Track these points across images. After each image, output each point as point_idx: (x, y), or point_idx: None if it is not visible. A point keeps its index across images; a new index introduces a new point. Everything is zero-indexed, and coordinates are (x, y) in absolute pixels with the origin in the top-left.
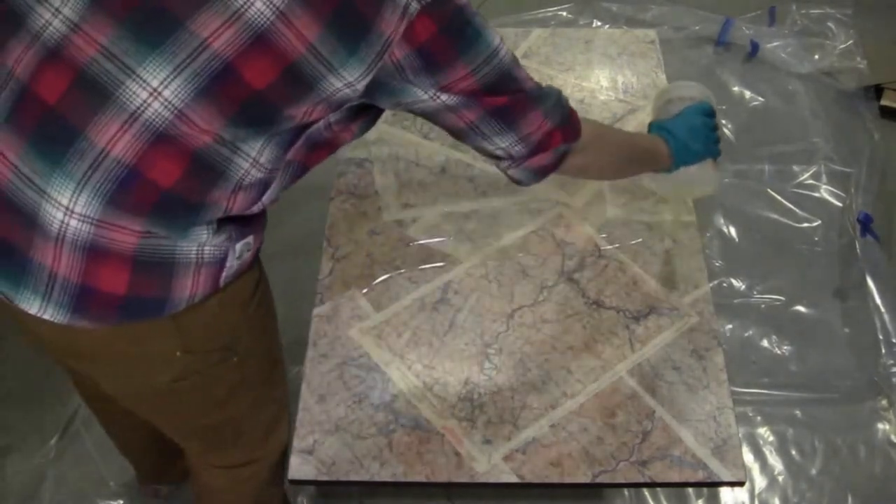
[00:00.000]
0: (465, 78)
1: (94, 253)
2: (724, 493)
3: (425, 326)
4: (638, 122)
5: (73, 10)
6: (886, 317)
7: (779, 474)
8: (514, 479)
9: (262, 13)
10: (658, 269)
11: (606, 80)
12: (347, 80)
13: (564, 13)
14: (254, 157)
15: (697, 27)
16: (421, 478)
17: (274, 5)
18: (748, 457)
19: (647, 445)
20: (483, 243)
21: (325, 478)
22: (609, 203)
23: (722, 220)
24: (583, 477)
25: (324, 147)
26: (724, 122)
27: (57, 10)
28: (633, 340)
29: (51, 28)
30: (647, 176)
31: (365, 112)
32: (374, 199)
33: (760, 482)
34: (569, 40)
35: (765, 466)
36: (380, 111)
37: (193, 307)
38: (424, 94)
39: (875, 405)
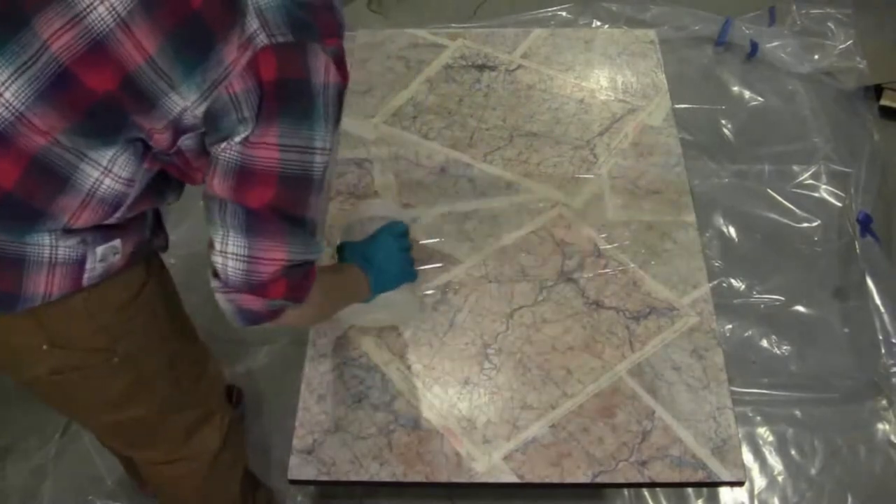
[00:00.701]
0: (271, 147)
1: None
2: (724, 493)
3: (425, 326)
4: (637, 122)
5: None
6: (886, 317)
7: (778, 474)
8: (513, 479)
9: (102, 19)
10: (658, 269)
11: (606, 80)
12: (186, 104)
13: (564, 13)
14: (104, 166)
15: (697, 27)
16: (421, 478)
17: (116, 12)
18: (748, 457)
19: (647, 445)
20: (483, 243)
21: (325, 478)
22: (609, 203)
23: (722, 220)
24: (583, 477)
25: (178, 174)
26: (723, 121)
27: None
28: (632, 340)
29: None
30: (347, 312)
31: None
32: (374, 200)
33: (760, 482)
34: (569, 40)
35: (764, 466)
36: None
37: (55, 304)
38: (238, 137)
39: (875, 405)
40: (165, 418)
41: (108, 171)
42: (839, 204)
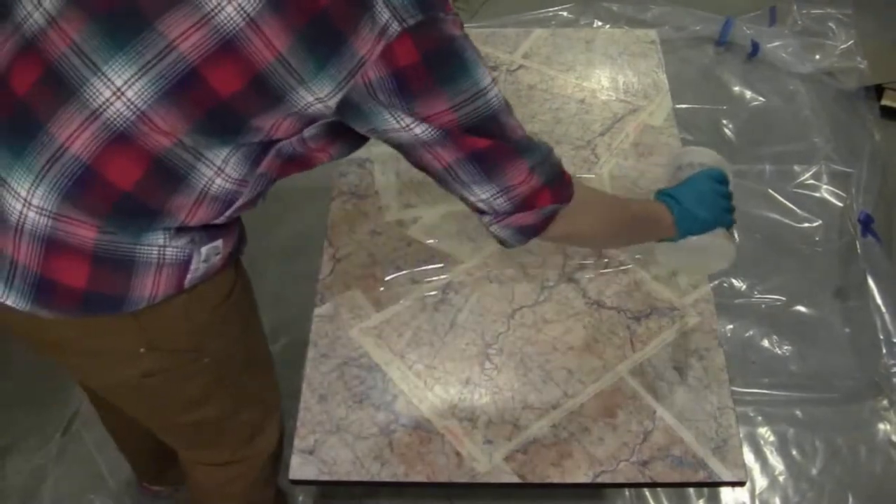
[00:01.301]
0: (445, 113)
1: (52, 245)
2: (725, 493)
3: (426, 326)
4: (638, 122)
5: (53, 4)
6: (887, 317)
7: (779, 474)
8: (514, 479)
9: (231, 18)
10: (659, 269)
11: (607, 80)
12: (318, 96)
13: (565, 13)
14: (218, 166)
15: (698, 27)
16: (421, 478)
17: (245, 11)
18: (749, 457)
19: (648, 445)
20: (484, 243)
21: (325, 478)
22: None
23: None
24: (583, 477)
25: (296, 162)
26: (724, 121)
27: (39, 2)
28: (633, 340)
29: (31, 20)
30: (657, 248)
31: (345, 134)
32: (375, 199)
33: (761, 482)
34: (569, 40)
35: (765, 466)
36: (363, 137)
37: (156, 306)
38: (397, 123)
39: (875, 405)
40: (236, 417)
41: (220, 171)
42: (840, 204)
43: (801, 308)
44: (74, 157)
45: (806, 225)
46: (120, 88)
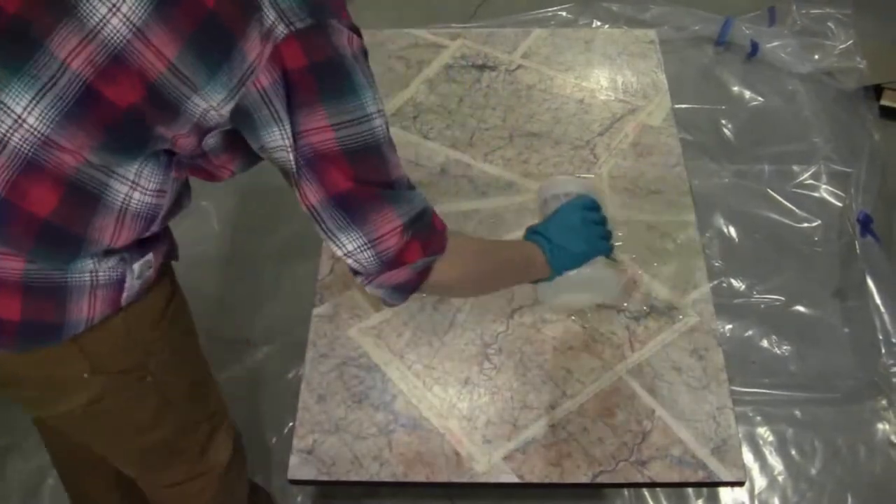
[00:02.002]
0: (324, 130)
1: None
2: (724, 493)
3: (425, 326)
4: (637, 122)
5: None
6: (886, 317)
7: (779, 474)
8: (514, 479)
9: (117, 31)
10: (658, 268)
11: (606, 81)
12: (212, 104)
13: (564, 13)
14: (132, 180)
15: (697, 27)
16: (421, 478)
17: (131, 22)
18: (748, 457)
19: (647, 445)
20: None
21: (324, 478)
22: (609, 203)
23: (722, 220)
24: (583, 477)
25: (203, 173)
26: (724, 122)
27: None
28: (632, 340)
29: None
30: (537, 289)
31: (243, 148)
32: None
33: (760, 482)
34: (568, 40)
35: (765, 466)
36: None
37: (95, 328)
38: (282, 140)
39: (875, 405)
40: (185, 436)
41: (136, 185)
42: (839, 204)
43: (801, 308)
44: None
45: (805, 225)
46: (20, 116)
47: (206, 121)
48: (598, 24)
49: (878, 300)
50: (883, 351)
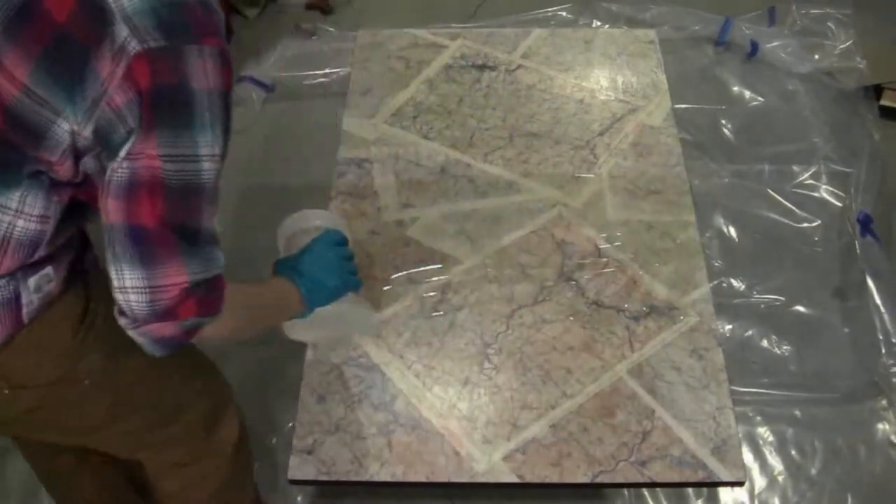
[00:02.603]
0: (151, 158)
1: None
2: (724, 493)
3: (425, 326)
4: (637, 122)
5: None
6: (886, 317)
7: (779, 474)
8: (514, 479)
9: None
10: (658, 269)
11: (606, 80)
12: (73, 127)
13: (564, 13)
14: (15, 209)
15: (697, 27)
16: (421, 478)
17: None
18: (748, 457)
19: (647, 445)
20: (483, 243)
21: (324, 478)
22: (609, 203)
23: (722, 220)
24: (583, 477)
25: (93, 200)
26: (723, 121)
27: None
28: (632, 340)
29: None
30: (287, 327)
31: None
32: (374, 199)
33: (760, 482)
34: (568, 40)
35: (764, 466)
36: None
37: (3, 347)
38: (122, 152)
39: (875, 405)
40: (176, 419)
41: (19, 213)
42: (839, 204)
43: (801, 308)
44: None
45: (805, 225)
46: None
47: (76, 144)
48: (598, 24)
49: (878, 300)
50: (883, 351)
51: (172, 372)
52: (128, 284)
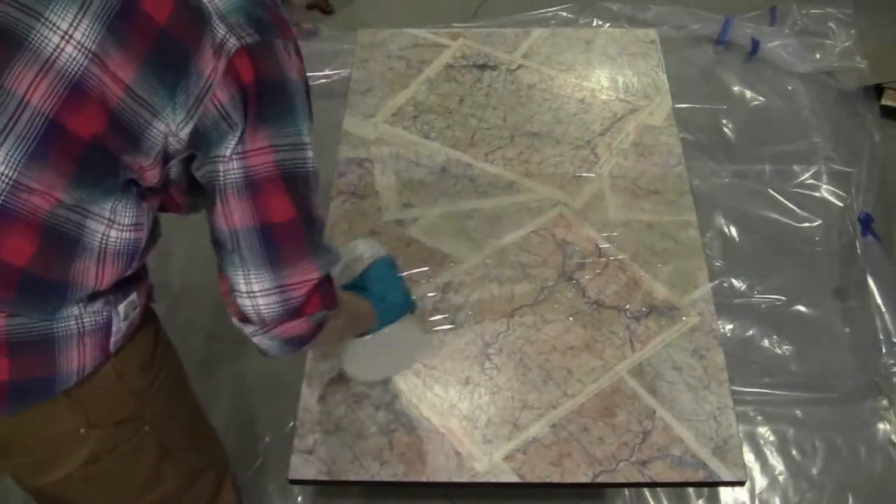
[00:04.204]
0: (265, 151)
1: None
2: (725, 492)
3: (426, 326)
4: (638, 122)
5: None
6: (887, 317)
7: (779, 474)
8: (514, 478)
9: (73, 58)
10: (658, 268)
11: (607, 80)
12: (171, 128)
13: (564, 13)
14: (108, 217)
15: (698, 26)
16: (421, 478)
17: (85, 48)
18: (748, 456)
19: (648, 445)
20: (483, 243)
21: (325, 478)
22: (610, 203)
23: (722, 220)
24: (583, 477)
25: (174, 208)
26: (724, 121)
27: None
28: (633, 340)
29: None
30: (348, 362)
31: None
32: (375, 199)
33: (761, 482)
34: (569, 40)
35: (765, 466)
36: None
37: (88, 379)
38: (225, 150)
39: (875, 405)
40: (192, 487)
41: (112, 222)
42: (840, 204)
43: (801, 308)
44: None
45: (806, 225)
46: None
47: (167, 149)
48: (599, 23)
49: (878, 300)
50: (883, 351)
51: (201, 425)
52: (256, 288)
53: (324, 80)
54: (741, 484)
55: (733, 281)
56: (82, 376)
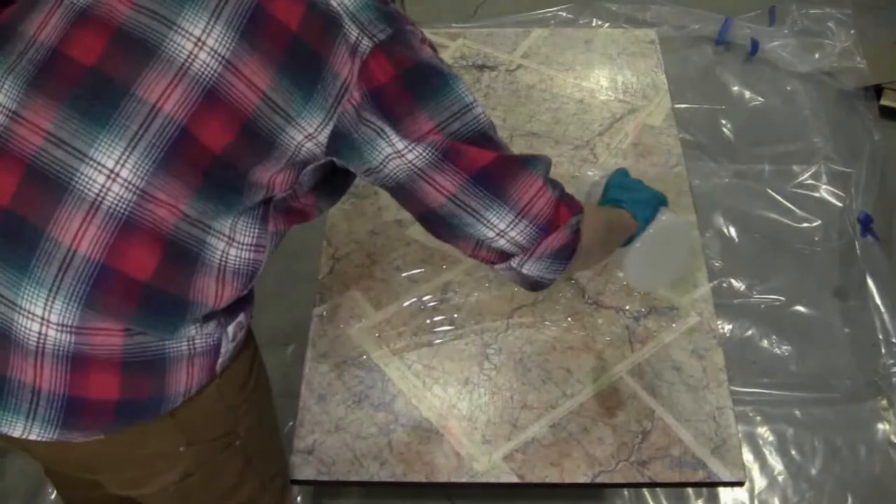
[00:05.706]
0: (433, 133)
1: (79, 361)
2: (724, 493)
3: (425, 326)
4: (637, 122)
5: (9, 97)
6: (886, 317)
7: (779, 474)
8: (514, 479)
9: (207, 65)
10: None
11: (606, 80)
12: (308, 132)
13: (564, 13)
14: (228, 235)
15: (697, 27)
16: (421, 478)
17: (219, 55)
18: (748, 457)
19: (647, 445)
20: None
21: (325, 478)
22: None
23: (722, 220)
24: (583, 477)
25: (295, 216)
26: (723, 121)
27: None
28: (633, 340)
29: None
30: (633, 277)
31: (332, 182)
32: (374, 199)
33: (760, 482)
34: (569, 40)
35: (765, 466)
36: (346, 181)
37: (191, 399)
38: (390, 148)
39: (875, 405)
40: (264, 494)
41: (231, 240)
42: (839, 204)
43: (801, 308)
44: (86, 258)
45: (805, 225)
46: (113, 170)
47: (300, 155)
48: (598, 23)
49: (878, 300)
50: (883, 351)
51: (279, 441)
52: (502, 226)
53: None
54: (740, 484)
55: (732, 281)
56: (188, 397)
